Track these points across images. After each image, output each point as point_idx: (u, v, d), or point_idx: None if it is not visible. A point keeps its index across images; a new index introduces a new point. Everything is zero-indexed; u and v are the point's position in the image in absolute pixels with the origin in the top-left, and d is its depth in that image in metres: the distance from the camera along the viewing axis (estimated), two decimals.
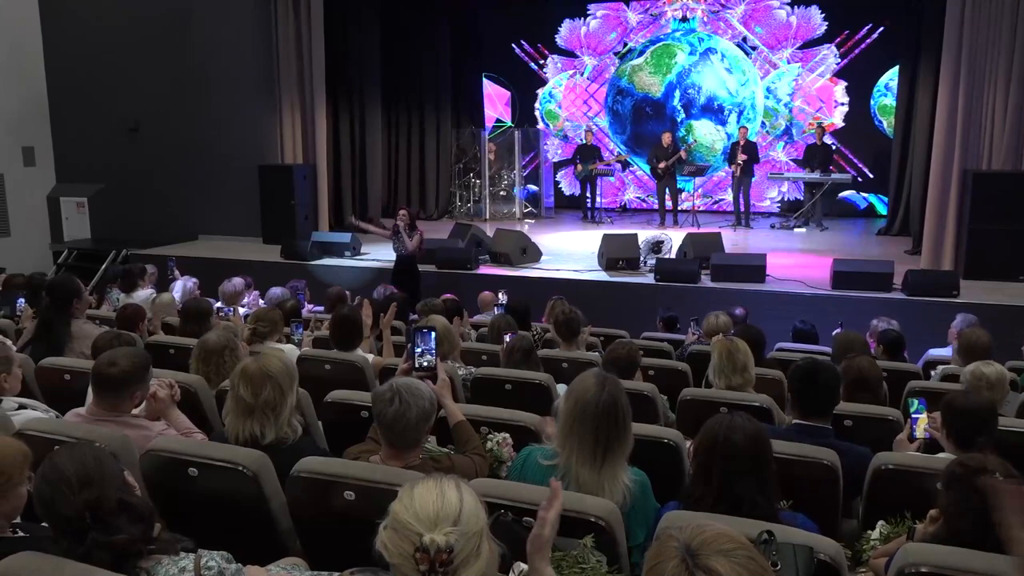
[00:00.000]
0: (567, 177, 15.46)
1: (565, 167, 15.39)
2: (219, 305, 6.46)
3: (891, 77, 13.10)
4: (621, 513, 2.36)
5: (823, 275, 9.00)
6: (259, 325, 4.81)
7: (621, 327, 7.06)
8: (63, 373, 3.97)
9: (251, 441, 2.75)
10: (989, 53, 9.26)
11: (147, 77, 12.50)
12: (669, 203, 13.12)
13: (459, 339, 5.09)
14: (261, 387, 2.78)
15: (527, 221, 14.24)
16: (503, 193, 14.77)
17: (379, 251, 10.87)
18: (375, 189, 13.94)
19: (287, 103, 12.16)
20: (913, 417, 3.34)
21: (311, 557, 2.52)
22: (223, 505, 2.56)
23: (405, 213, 8.98)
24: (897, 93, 12.58)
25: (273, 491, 2.55)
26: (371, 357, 4.67)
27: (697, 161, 13.67)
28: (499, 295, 7.62)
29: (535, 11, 15.07)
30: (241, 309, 6.61)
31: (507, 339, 4.86)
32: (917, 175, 11.17)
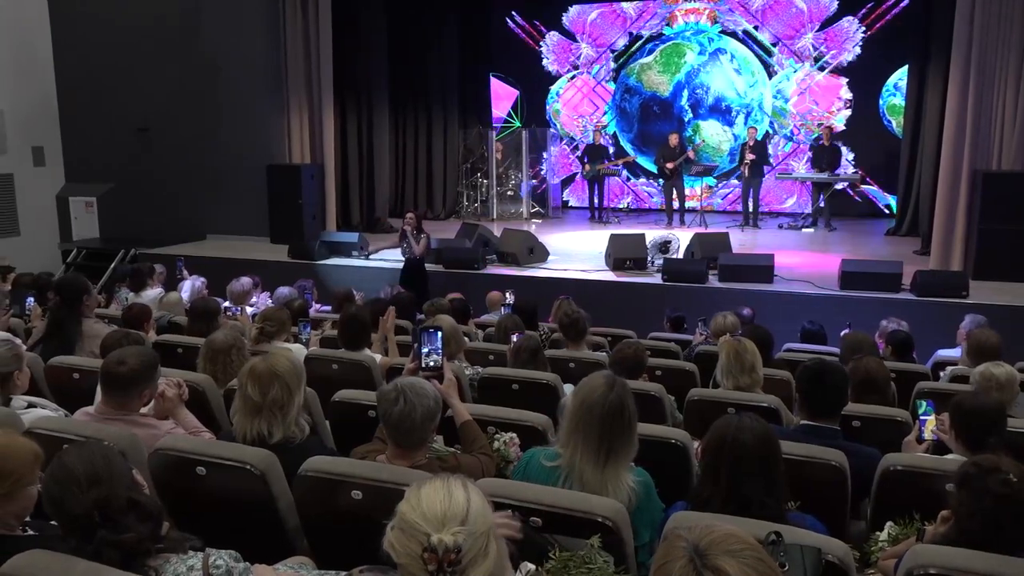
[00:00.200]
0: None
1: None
2: (227, 304, 6.48)
3: (900, 76, 13.04)
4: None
5: (831, 275, 8.97)
6: (267, 324, 4.82)
7: (628, 327, 7.04)
8: (72, 372, 3.98)
9: (258, 440, 2.76)
10: (999, 52, 9.21)
11: (156, 77, 12.54)
12: (676, 203, 13.11)
13: (464, 339, 5.09)
14: (269, 386, 2.79)
15: (534, 221, 14.23)
16: (510, 193, 14.77)
17: (387, 251, 10.85)
18: (382, 189, 13.95)
19: (295, 103, 12.18)
20: (921, 419, 3.33)
21: (318, 556, 2.52)
22: (231, 504, 2.57)
23: (412, 216, 9.00)
24: (906, 93, 12.52)
25: (281, 490, 2.55)
26: (379, 357, 4.68)
27: (704, 161, 13.66)
28: (506, 295, 7.62)
29: None
30: (249, 308, 6.64)
31: (514, 339, 4.87)
32: (926, 175, 11.11)
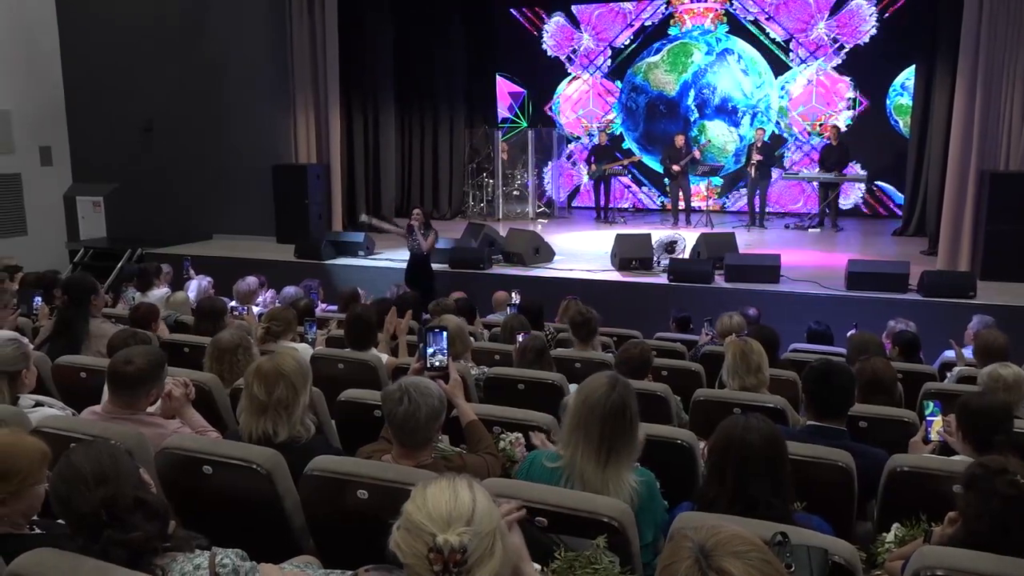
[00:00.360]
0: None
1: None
2: (233, 304, 6.49)
3: (907, 76, 12.99)
4: None
5: (838, 276, 8.94)
6: (273, 324, 4.83)
7: (634, 327, 7.04)
8: (79, 371, 4.00)
9: (264, 439, 2.76)
10: (1007, 52, 9.17)
11: (163, 77, 12.59)
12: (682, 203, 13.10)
13: (470, 339, 5.09)
14: (274, 386, 2.79)
15: (540, 221, 14.22)
16: (516, 193, 14.77)
17: (392, 251, 10.90)
18: (389, 188, 13.97)
19: (301, 103, 12.19)
20: (928, 419, 3.31)
21: (324, 555, 2.53)
22: (237, 503, 2.58)
23: (420, 212, 9.02)
24: (913, 93, 12.49)
25: (286, 489, 2.56)
26: (385, 357, 4.68)
27: (709, 161, 13.65)
28: (512, 295, 7.61)
29: None
30: (255, 308, 6.64)
31: (520, 339, 4.86)
32: (934, 175, 11.08)
